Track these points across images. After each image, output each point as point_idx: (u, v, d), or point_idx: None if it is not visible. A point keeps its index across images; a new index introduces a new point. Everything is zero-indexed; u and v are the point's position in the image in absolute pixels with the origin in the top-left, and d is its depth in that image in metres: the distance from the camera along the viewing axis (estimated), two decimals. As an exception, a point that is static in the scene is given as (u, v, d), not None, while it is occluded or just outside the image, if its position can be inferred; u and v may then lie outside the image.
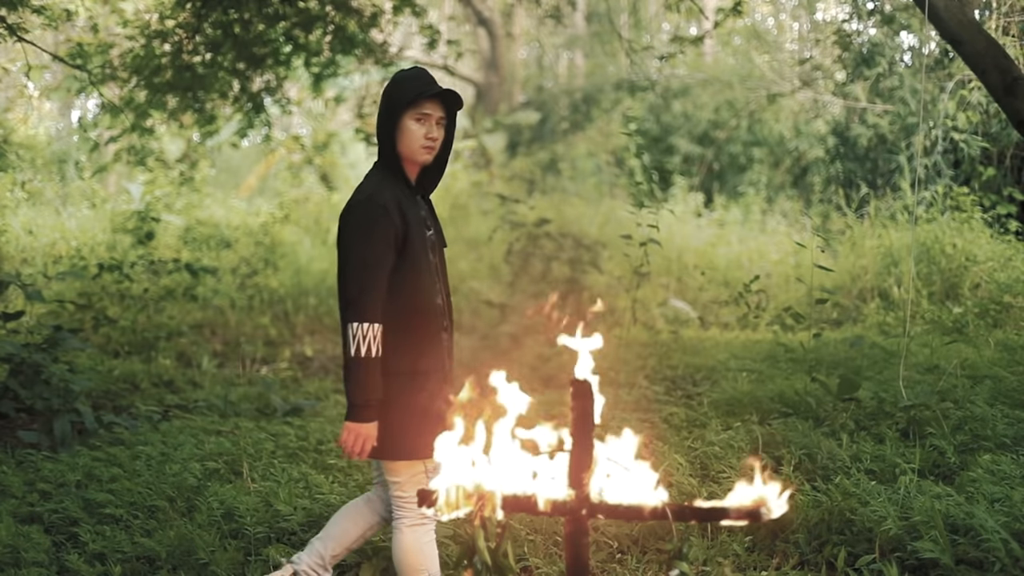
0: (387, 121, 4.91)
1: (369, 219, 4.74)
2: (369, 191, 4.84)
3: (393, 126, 4.89)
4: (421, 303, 4.83)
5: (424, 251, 4.88)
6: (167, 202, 17.72)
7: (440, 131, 4.95)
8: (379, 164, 5.00)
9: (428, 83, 4.90)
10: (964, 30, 8.80)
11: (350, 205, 4.85)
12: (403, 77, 4.96)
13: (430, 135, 4.88)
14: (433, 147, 4.93)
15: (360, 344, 4.62)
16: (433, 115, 4.89)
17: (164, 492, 6.87)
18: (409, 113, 4.87)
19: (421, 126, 4.87)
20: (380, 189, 4.84)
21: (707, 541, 6.04)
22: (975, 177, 19.15)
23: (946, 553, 5.30)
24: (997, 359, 10.67)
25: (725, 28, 20.62)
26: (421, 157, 4.92)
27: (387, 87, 4.98)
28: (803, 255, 16.63)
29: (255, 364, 13.08)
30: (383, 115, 4.94)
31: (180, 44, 12.20)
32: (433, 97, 4.89)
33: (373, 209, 4.75)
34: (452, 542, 5.86)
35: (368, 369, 4.64)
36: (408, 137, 4.88)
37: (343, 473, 7.39)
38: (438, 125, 4.93)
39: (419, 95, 4.84)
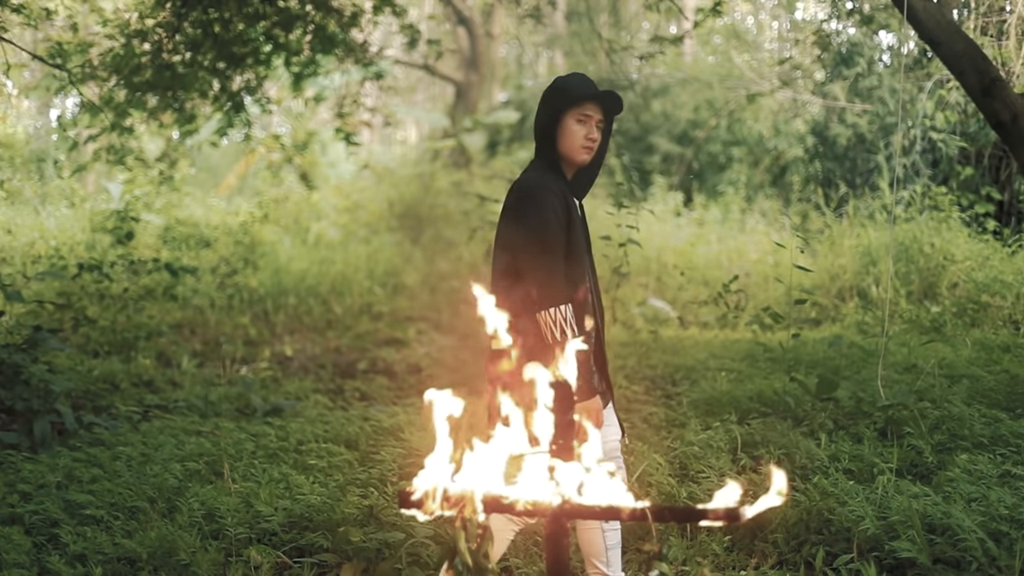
0: (549, 121, 5.03)
1: (543, 202, 4.86)
2: (538, 180, 4.97)
3: (555, 126, 5.02)
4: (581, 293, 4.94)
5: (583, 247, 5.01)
6: (147, 201, 17.68)
7: (599, 134, 5.07)
8: (537, 163, 5.11)
9: (591, 85, 5.05)
10: (942, 31, 8.84)
11: (522, 193, 4.96)
12: (567, 79, 5.11)
13: (590, 136, 5.00)
14: (592, 148, 5.04)
15: (563, 328, 4.71)
16: (594, 117, 5.01)
17: (145, 493, 6.86)
18: (571, 113, 4.99)
19: (582, 127, 4.99)
20: (546, 178, 4.97)
21: (686, 541, 6.06)
22: (953, 176, 19.23)
23: (923, 552, 5.33)
24: (975, 358, 10.72)
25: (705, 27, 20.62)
26: (580, 157, 5.03)
27: (548, 89, 5.12)
28: (782, 255, 16.67)
29: (235, 364, 13.06)
30: (544, 115, 5.05)
31: (160, 43, 12.17)
32: (595, 99, 5.00)
33: (547, 194, 4.88)
34: (433, 543, 5.87)
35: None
36: (569, 137, 5.00)
37: (323, 473, 7.39)
38: (597, 128, 5.04)
39: (582, 96, 4.97)
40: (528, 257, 4.81)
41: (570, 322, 4.69)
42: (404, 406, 10.05)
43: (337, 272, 18.73)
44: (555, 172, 5.02)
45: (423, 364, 12.98)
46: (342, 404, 10.72)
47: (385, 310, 17.45)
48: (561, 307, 4.69)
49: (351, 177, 26.27)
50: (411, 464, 7.29)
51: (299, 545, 6.12)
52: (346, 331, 15.87)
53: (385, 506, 6.39)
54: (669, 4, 14.33)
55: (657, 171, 27.09)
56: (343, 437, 8.50)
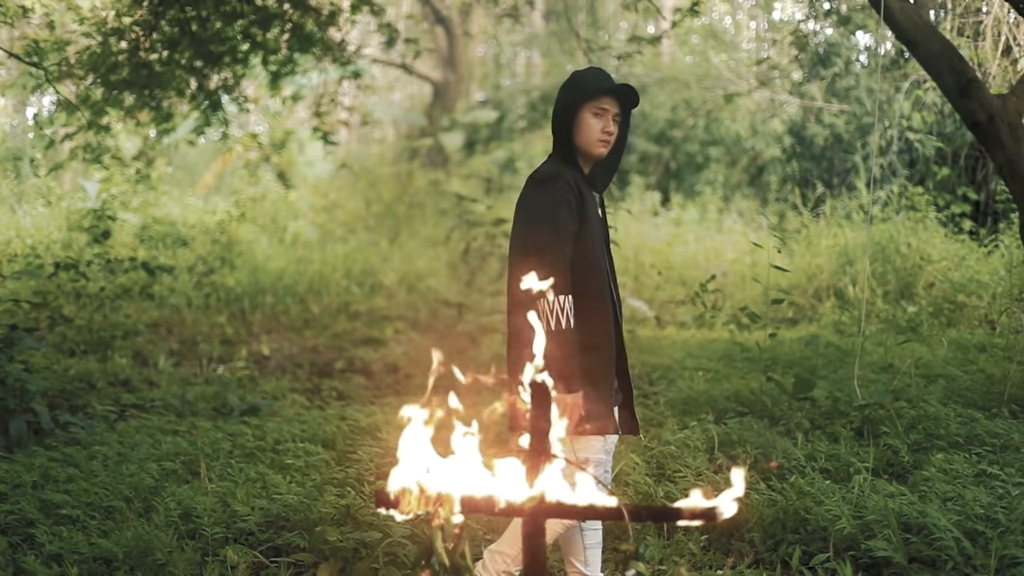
0: (565, 114, 5.04)
1: (554, 191, 4.88)
2: (550, 170, 4.99)
3: (571, 119, 5.03)
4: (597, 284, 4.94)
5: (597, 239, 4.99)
6: (123, 200, 17.64)
7: (615, 127, 5.08)
8: (554, 156, 5.13)
9: (607, 79, 5.06)
10: (919, 32, 8.87)
11: (533, 182, 5.01)
12: (583, 73, 5.13)
13: (607, 129, 5.01)
14: (609, 141, 5.05)
15: (559, 317, 4.71)
16: (610, 110, 5.01)
17: (121, 492, 6.84)
18: (588, 107, 5.00)
19: (599, 120, 5.00)
20: (561, 169, 4.97)
21: (663, 540, 6.06)
22: (930, 177, 19.32)
23: (899, 552, 5.35)
24: (951, 358, 10.76)
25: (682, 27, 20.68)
26: (597, 150, 5.03)
27: (566, 83, 5.14)
28: (759, 254, 16.70)
29: (212, 363, 13.03)
30: (561, 108, 5.07)
31: (137, 41, 12.14)
32: (611, 94, 5.01)
33: (558, 183, 4.89)
34: (410, 542, 5.87)
35: (568, 339, 4.72)
36: (586, 130, 5.01)
37: (300, 473, 7.37)
38: (614, 121, 5.05)
39: (598, 89, 4.98)
40: (532, 244, 4.83)
41: (566, 312, 4.70)
42: (381, 405, 10.05)
43: (314, 271, 18.72)
44: (571, 165, 5.03)
45: (400, 364, 12.97)
46: (319, 403, 10.70)
47: (362, 309, 17.44)
48: (559, 296, 4.70)
49: (328, 176, 26.26)
50: (388, 464, 7.28)
51: (276, 545, 6.11)
52: (323, 330, 15.86)
53: (362, 506, 6.38)
54: (647, 4, 14.36)
55: (635, 171, 27.13)
56: (320, 437, 8.48)
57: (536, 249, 4.79)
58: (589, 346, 4.87)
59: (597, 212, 5.07)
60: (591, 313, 4.89)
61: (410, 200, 22.91)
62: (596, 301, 4.91)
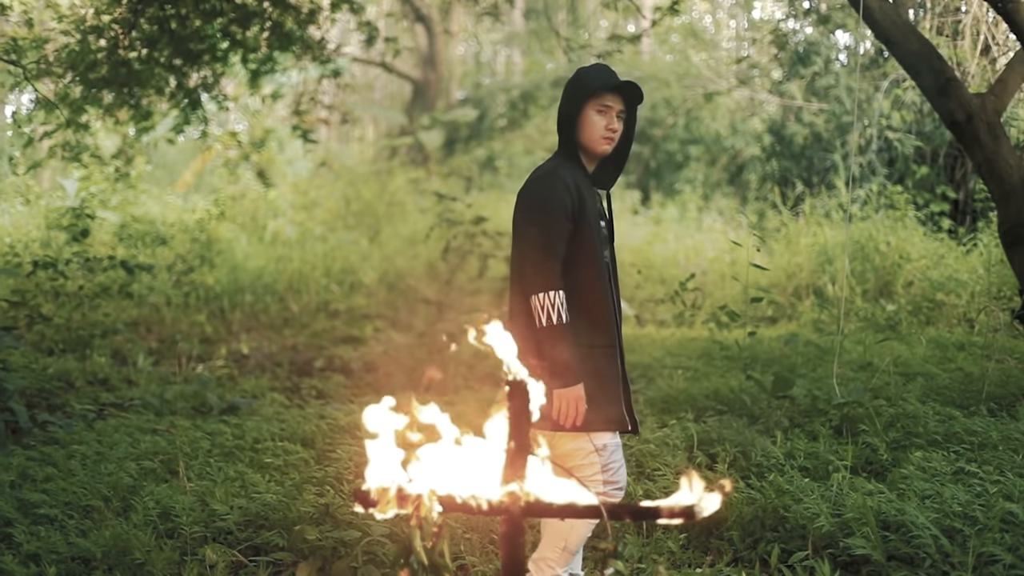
0: (569, 111, 5.05)
1: (548, 189, 4.89)
2: (549, 168, 5.02)
3: (575, 116, 5.03)
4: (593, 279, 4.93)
5: (597, 237, 4.97)
6: (102, 198, 17.59)
7: (620, 124, 5.08)
8: (557, 153, 5.14)
9: (611, 76, 5.05)
10: (898, 31, 8.90)
11: (530, 180, 5.03)
12: (587, 70, 5.12)
13: (610, 126, 5.01)
14: (613, 138, 5.06)
15: (550, 313, 4.71)
16: (614, 107, 5.02)
17: (99, 492, 6.82)
18: (591, 104, 5.00)
19: (602, 117, 5.00)
20: (560, 167, 4.98)
21: (642, 539, 6.06)
22: (909, 175, 19.37)
23: (878, 549, 5.35)
24: (929, 356, 10.79)
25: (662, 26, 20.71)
26: (600, 147, 5.04)
27: (570, 80, 5.13)
28: (739, 253, 16.73)
29: (191, 362, 13.00)
30: (565, 105, 5.07)
31: (116, 39, 12.10)
32: (615, 90, 5.01)
33: (553, 181, 4.90)
34: (389, 541, 5.86)
35: (560, 335, 4.72)
36: (589, 127, 5.01)
37: (279, 472, 7.36)
38: (618, 118, 5.05)
39: (601, 86, 4.98)
40: (525, 241, 4.86)
41: (558, 308, 4.70)
42: (361, 404, 10.02)
43: (294, 270, 18.69)
44: (574, 163, 5.04)
45: (380, 362, 12.96)
46: (298, 402, 10.69)
47: (342, 308, 17.43)
48: (550, 292, 4.70)
49: (308, 174, 26.23)
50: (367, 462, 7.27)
51: (255, 544, 6.10)
52: (303, 329, 15.84)
53: (341, 504, 6.36)
54: (627, 2, 14.38)
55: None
56: (299, 435, 8.47)
57: (529, 246, 4.83)
58: (591, 342, 4.89)
59: (598, 210, 5.06)
60: (592, 309, 4.91)
61: (390, 199, 22.89)
62: (596, 297, 4.91)
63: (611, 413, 4.91)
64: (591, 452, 4.90)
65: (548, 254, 4.76)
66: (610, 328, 4.94)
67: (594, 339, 4.89)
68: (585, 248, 4.89)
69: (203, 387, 10.66)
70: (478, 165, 31.38)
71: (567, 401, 4.72)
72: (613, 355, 4.95)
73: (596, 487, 4.87)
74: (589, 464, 4.90)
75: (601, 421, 4.86)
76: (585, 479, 4.86)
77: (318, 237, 21.12)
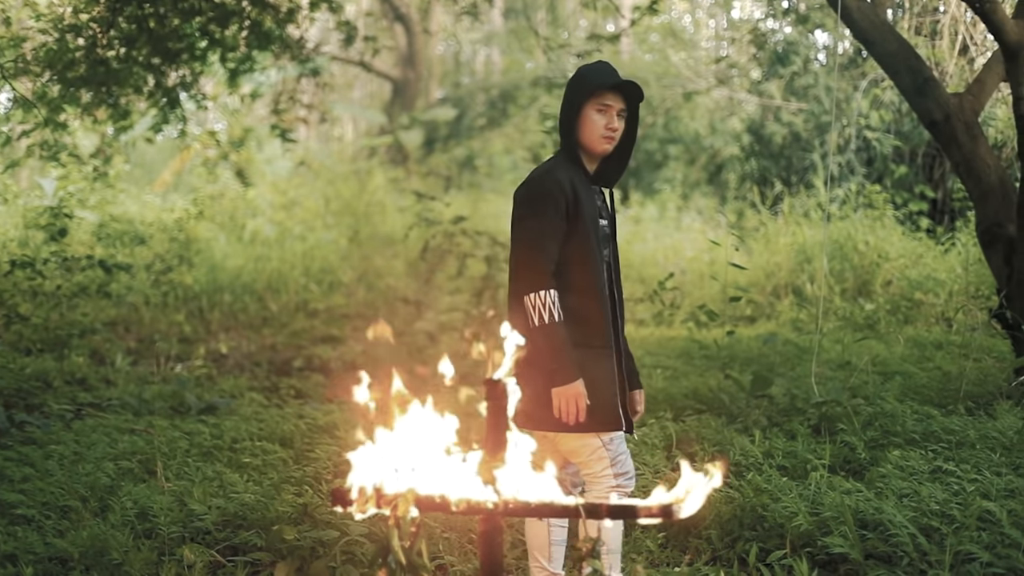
0: (569, 111, 5.02)
1: (542, 190, 4.88)
2: (545, 169, 5.01)
3: (575, 116, 5.00)
4: (588, 280, 4.91)
5: (594, 234, 4.95)
6: (80, 198, 17.52)
7: (621, 122, 5.05)
8: (558, 153, 5.13)
9: (610, 75, 5.02)
10: (876, 31, 8.93)
11: (525, 181, 5.01)
12: (587, 69, 5.09)
13: (610, 125, 4.98)
14: (613, 137, 5.02)
15: (542, 312, 4.72)
16: (614, 106, 4.99)
17: (77, 492, 6.80)
18: (591, 103, 4.97)
19: (602, 116, 4.97)
20: (556, 168, 4.97)
21: (621, 538, 6.07)
22: (887, 175, 19.43)
23: (855, 548, 5.37)
24: (907, 355, 10.83)
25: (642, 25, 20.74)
26: (601, 147, 5.01)
27: (571, 79, 5.11)
28: (718, 252, 16.75)
29: (169, 362, 12.98)
30: (566, 105, 5.05)
31: (94, 38, 12.06)
32: (615, 88, 4.98)
33: (546, 181, 4.89)
34: (367, 541, 5.86)
35: (555, 333, 4.73)
36: (589, 127, 4.98)
37: (258, 472, 7.36)
38: (619, 116, 5.02)
39: (600, 86, 4.95)
40: (518, 241, 4.88)
41: (549, 307, 4.70)
42: (339, 404, 10.02)
43: (273, 269, 18.66)
44: (573, 162, 5.03)
45: (359, 362, 12.94)
46: (277, 402, 10.67)
47: (321, 307, 17.40)
48: (541, 292, 4.71)
49: (287, 174, 26.17)
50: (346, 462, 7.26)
51: (233, 544, 6.09)
52: (282, 328, 15.82)
53: (319, 504, 6.36)
54: (606, 2, 14.38)
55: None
56: (278, 435, 8.46)
57: (521, 246, 4.84)
58: (585, 343, 4.88)
59: (597, 209, 5.05)
60: (586, 310, 4.90)
61: (369, 198, 22.85)
62: (589, 298, 4.90)
63: (607, 415, 4.90)
64: (599, 447, 4.91)
65: (540, 254, 4.77)
66: (605, 329, 4.94)
67: (588, 340, 4.89)
68: (580, 248, 4.89)
69: (181, 387, 10.64)
70: (457, 164, 31.40)
71: (566, 399, 4.73)
72: (608, 356, 4.95)
73: (608, 481, 4.90)
74: (598, 459, 4.92)
75: (596, 423, 4.85)
76: (596, 475, 4.94)
77: (297, 236, 21.07)
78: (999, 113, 16.10)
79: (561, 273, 4.85)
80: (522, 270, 4.79)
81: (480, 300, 14.43)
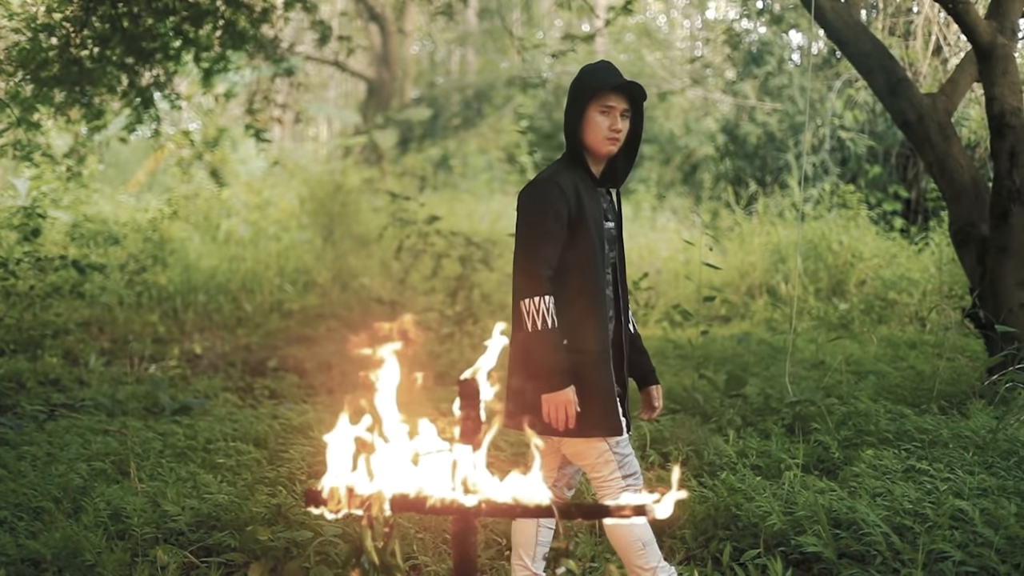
0: (572, 113, 4.98)
1: (543, 196, 4.85)
2: (548, 174, 4.96)
3: (578, 118, 4.96)
4: (588, 287, 4.88)
5: (598, 238, 4.91)
6: (54, 198, 17.45)
7: (625, 123, 5.00)
8: (562, 156, 5.09)
9: (611, 75, 4.97)
10: (850, 31, 8.97)
11: (528, 186, 4.98)
12: (588, 70, 5.04)
13: (614, 127, 4.93)
14: (617, 139, 4.98)
15: (535, 318, 4.71)
16: (617, 107, 4.94)
17: (50, 493, 6.78)
18: (593, 105, 4.93)
19: (605, 118, 4.93)
20: (559, 173, 4.93)
21: (595, 538, 6.08)
22: (861, 175, 19.50)
23: (829, 547, 5.39)
24: (881, 355, 10.87)
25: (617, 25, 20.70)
26: (605, 148, 4.97)
27: (573, 81, 5.06)
28: (692, 252, 16.78)
29: (143, 362, 12.94)
30: (569, 108, 5.01)
31: (68, 38, 12.03)
32: (617, 89, 4.94)
33: (548, 188, 4.86)
34: (341, 541, 5.85)
35: (548, 339, 4.72)
36: (593, 129, 4.94)
37: (232, 472, 7.34)
38: (622, 117, 4.97)
39: (602, 87, 4.90)
40: (517, 247, 4.87)
41: (543, 314, 4.69)
42: (314, 404, 10.01)
43: (247, 269, 18.62)
44: (577, 165, 5.00)
45: (333, 362, 12.92)
46: (251, 402, 10.65)
47: (295, 308, 17.37)
48: (535, 298, 4.70)
49: (262, 174, 26.12)
50: (320, 462, 7.25)
51: (206, 545, 6.08)
52: (256, 329, 15.79)
53: (293, 505, 6.36)
54: (581, 2, 14.39)
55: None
56: (252, 435, 8.44)
57: (520, 252, 4.84)
58: (581, 348, 4.87)
59: (603, 211, 5.02)
60: (585, 315, 4.88)
61: (344, 198, 22.78)
62: (591, 304, 4.88)
63: (613, 420, 4.88)
64: (606, 451, 4.90)
65: (537, 260, 4.76)
66: (600, 333, 4.90)
67: (589, 345, 4.87)
68: (583, 254, 4.87)
69: (155, 387, 10.61)
70: (432, 164, 31.38)
71: (554, 405, 4.73)
72: (602, 361, 4.91)
73: (618, 483, 4.88)
74: (605, 463, 4.90)
75: (596, 428, 4.84)
76: (604, 479, 4.91)
77: (272, 236, 21.04)
78: (972, 113, 16.17)
79: (563, 278, 4.85)
80: (520, 275, 4.78)
81: (455, 300, 14.41)
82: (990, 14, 8.78)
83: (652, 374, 5.37)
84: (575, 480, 5.22)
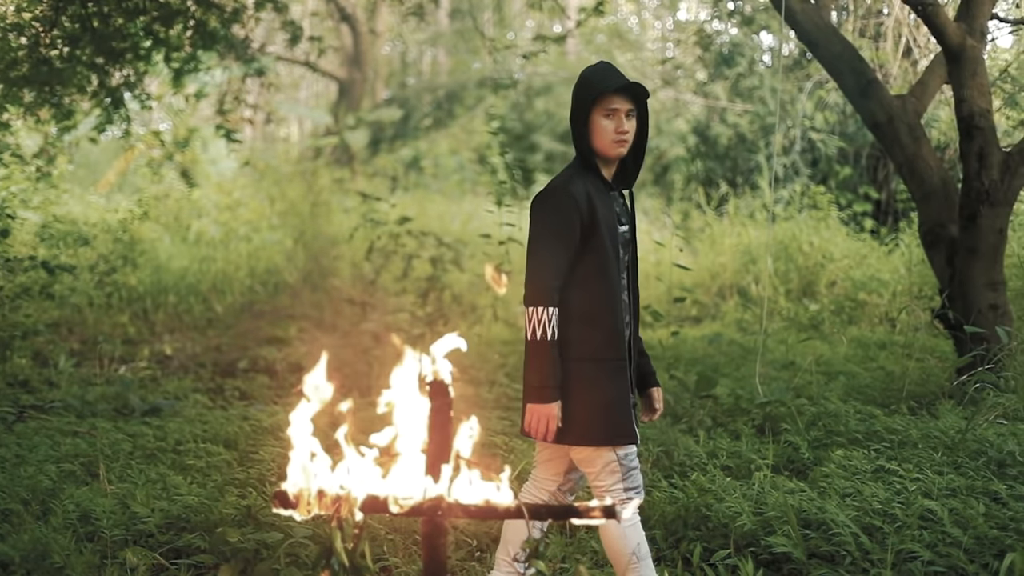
0: (577, 119, 4.93)
1: (555, 204, 4.80)
2: (561, 181, 4.90)
3: (584, 123, 4.91)
4: (604, 294, 4.83)
5: (612, 244, 4.86)
6: (23, 198, 17.37)
7: (631, 123, 4.93)
8: (573, 161, 5.03)
9: (612, 78, 4.90)
10: (820, 33, 9.01)
11: (540, 194, 4.92)
12: (588, 73, 4.98)
13: (620, 129, 4.87)
14: (625, 140, 4.91)
15: (536, 328, 4.68)
16: (621, 109, 4.86)
17: (18, 495, 6.75)
18: (597, 109, 4.87)
19: (611, 121, 4.86)
20: (572, 179, 4.87)
21: (565, 539, 6.08)
22: (832, 176, 19.57)
23: (799, 547, 5.40)
24: (851, 356, 10.91)
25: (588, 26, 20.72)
26: (614, 151, 4.90)
27: (575, 85, 5.01)
28: (663, 253, 16.76)
29: (113, 363, 12.88)
30: (573, 113, 4.96)
31: (37, 37, 11.98)
32: (619, 90, 4.87)
33: (561, 195, 4.80)
34: (311, 542, 5.84)
35: (544, 351, 4.69)
36: (600, 133, 4.88)
37: (202, 473, 7.32)
38: (628, 118, 4.90)
39: (603, 90, 4.84)
40: (529, 254, 4.82)
41: (544, 324, 4.67)
42: (284, 405, 9.99)
43: (218, 270, 18.56)
44: (589, 170, 4.95)
45: (304, 363, 12.89)
46: (222, 403, 10.62)
47: (266, 308, 17.33)
48: (539, 308, 4.67)
49: (232, 174, 26.07)
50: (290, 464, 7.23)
51: (176, 546, 6.05)
52: (227, 330, 15.75)
53: (263, 506, 6.34)
54: (552, 3, 14.39)
55: (540, 169, 27.19)
56: (222, 437, 8.42)
57: (531, 259, 4.81)
58: (596, 356, 4.84)
59: (616, 215, 4.96)
60: (602, 323, 4.84)
61: (315, 199, 22.71)
62: (606, 311, 4.84)
63: (625, 430, 4.85)
64: (613, 461, 4.85)
65: (546, 269, 4.73)
66: (615, 339, 4.87)
67: (604, 353, 4.83)
68: (597, 260, 4.83)
69: (125, 388, 10.57)
70: (403, 165, 31.35)
71: (537, 416, 4.70)
72: (619, 368, 4.88)
73: (618, 495, 4.84)
74: (610, 472, 4.85)
75: (614, 437, 4.81)
76: (607, 488, 4.87)
77: (242, 237, 20.98)
78: (942, 115, 16.25)
79: (578, 285, 4.81)
80: (528, 283, 4.74)
81: (426, 301, 14.40)
82: (959, 16, 8.82)
83: (653, 376, 5.32)
84: (578, 485, 5.21)
